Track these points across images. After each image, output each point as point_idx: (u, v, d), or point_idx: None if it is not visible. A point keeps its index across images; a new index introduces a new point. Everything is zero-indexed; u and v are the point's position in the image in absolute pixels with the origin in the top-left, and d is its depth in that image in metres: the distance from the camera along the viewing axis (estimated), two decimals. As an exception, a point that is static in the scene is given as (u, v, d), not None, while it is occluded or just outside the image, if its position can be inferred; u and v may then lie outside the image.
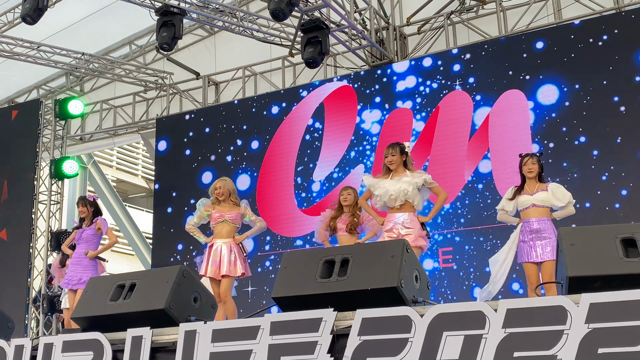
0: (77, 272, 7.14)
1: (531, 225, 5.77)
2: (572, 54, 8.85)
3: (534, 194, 5.86)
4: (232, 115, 11.17)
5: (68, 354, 3.77)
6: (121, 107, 12.94)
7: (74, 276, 7.14)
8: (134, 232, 14.86)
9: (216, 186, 6.69)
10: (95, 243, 7.31)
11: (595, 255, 3.18)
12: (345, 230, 6.69)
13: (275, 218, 10.31)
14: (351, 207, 6.79)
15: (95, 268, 7.25)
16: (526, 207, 5.87)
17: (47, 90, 13.52)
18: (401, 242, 3.49)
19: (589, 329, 2.60)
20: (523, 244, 5.78)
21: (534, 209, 5.83)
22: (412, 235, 5.63)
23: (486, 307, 2.81)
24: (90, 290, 4.18)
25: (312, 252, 3.74)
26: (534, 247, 5.71)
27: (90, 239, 7.25)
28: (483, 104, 9.26)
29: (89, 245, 7.22)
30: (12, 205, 11.32)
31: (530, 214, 5.83)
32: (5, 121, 11.86)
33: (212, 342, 3.36)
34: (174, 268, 4.02)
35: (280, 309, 3.55)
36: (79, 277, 7.08)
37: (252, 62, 11.68)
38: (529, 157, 6.03)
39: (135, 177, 22.01)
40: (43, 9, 8.32)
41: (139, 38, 12.62)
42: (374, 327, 3.00)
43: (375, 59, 10.36)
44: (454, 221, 9.06)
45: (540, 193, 5.86)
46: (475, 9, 10.11)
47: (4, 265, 11.03)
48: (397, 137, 9.66)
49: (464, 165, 9.16)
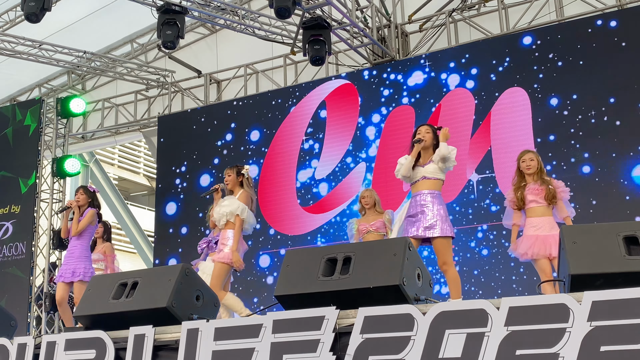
0: (69, 265, 6.96)
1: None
2: (573, 51, 8.84)
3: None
4: (234, 113, 11.17)
5: (71, 352, 3.77)
6: (123, 106, 12.95)
7: (67, 269, 6.96)
8: (135, 230, 14.88)
9: (363, 195, 7.36)
10: (89, 234, 7.18)
11: (598, 253, 3.18)
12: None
13: (277, 216, 10.33)
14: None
15: (89, 259, 7.08)
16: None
17: (49, 88, 13.53)
18: (403, 240, 3.49)
19: (591, 326, 2.60)
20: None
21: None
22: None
23: (488, 305, 2.81)
24: (92, 289, 4.19)
25: (314, 250, 3.74)
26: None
27: (83, 230, 7.10)
28: (485, 101, 9.25)
29: (82, 236, 7.03)
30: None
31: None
32: (7, 119, 11.88)
33: (215, 340, 3.36)
34: (176, 266, 4.03)
35: (283, 307, 3.55)
36: (72, 269, 6.90)
37: (254, 60, 11.68)
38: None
39: (137, 175, 22.03)
40: (48, 9, 8.34)
41: (141, 36, 12.61)
42: (376, 325, 3.00)
43: (377, 57, 10.35)
44: (457, 219, 9.05)
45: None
46: (477, 7, 10.10)
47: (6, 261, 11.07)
48: (399, 135, 9.68)
49: (466, 163, 9.15)
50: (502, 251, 8.53)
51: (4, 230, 11.29)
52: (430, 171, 5.60)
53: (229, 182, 6.36)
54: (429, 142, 5.70)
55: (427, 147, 5.70)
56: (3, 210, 11.40)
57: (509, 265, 8.51)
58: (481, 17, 10.09)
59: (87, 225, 7.07)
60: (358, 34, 10.01)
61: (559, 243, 3.46)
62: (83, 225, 7.00)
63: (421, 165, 5.65)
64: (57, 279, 7.17)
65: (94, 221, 7.15)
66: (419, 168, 5.65)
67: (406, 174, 5.64)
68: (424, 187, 5.59)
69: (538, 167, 6.05)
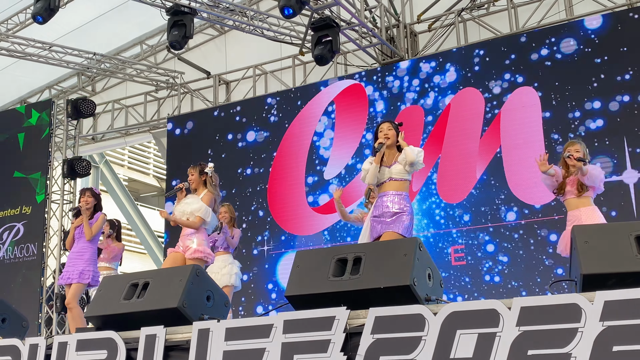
0: (78, 266, 6.88)
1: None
2: (585, 50, 8.80)
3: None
4: (243, 114, 11.19)
5: (82, 353, 3.79)
6: (132, 107, 13.00)
7: (74, 270, 6.88)
8: (145, 230, 14.93)
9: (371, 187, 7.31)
10: (95, 237, 7.19)
11: (610, 253, 3.16)
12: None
13: (286, 217, 10.33)
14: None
15: (96, 263, 7.07)
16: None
17: (59, 90, 13.59)
18: (414, 240, 3.49)
19: (603, 326, 2.59)
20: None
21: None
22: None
23: (500, 305, 2.80)
24: (104, 289, 4.21)
25: (324, 250, 3.75)
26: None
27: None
28: (494, 100, 9.22)
29: (93, 239, 7.00)
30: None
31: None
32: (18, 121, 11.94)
33: (226, 340, 3.37)
34: (187, 267, 4.04)
35: (293, 307, 3.55)
36: (80, 270, 6.83)
37: (263, 61, 11.70)
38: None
39: (146, 176, 22.09)
40: (55, 10, 8.37)
41: (150, 38, 12.66)
42: (387, 325, 3.00)
43: (385, 57, 10.35)
44: (466, 219, 9.03)
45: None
46: (486, 6, 10.08)
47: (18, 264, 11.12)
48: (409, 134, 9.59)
49: (476, 162, 9.12)
50: (518, 251, 8.52)
51: (15, 231, 11.35)
52: (397, 172, 5.43)
53: (193, 181, 6.37)
54: (393, 140, 5.53)
55: (391, 145, 5.53)
56: (14, 212, 11.46)
57: (526, 265, 8.50)
58: (490, 17, 10.06)
59: (100, 229, 7.12)
60: (367, 34, 10.01)
61: (571, 242, 3.45)
62: (96, 229, 7.04)
63: (387, 166, 5.47)
64: (62, 281, 7.07)
65: (103, 224, 7.20)
66: (384, 169, 5.47)
67: (373, 181, 5.47)
68: (391, 188, 5.43)
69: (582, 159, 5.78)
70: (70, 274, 6.92)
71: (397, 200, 5.39)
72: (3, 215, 11.52)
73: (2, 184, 11.65)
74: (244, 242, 10.21)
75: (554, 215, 8.35)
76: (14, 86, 13.11)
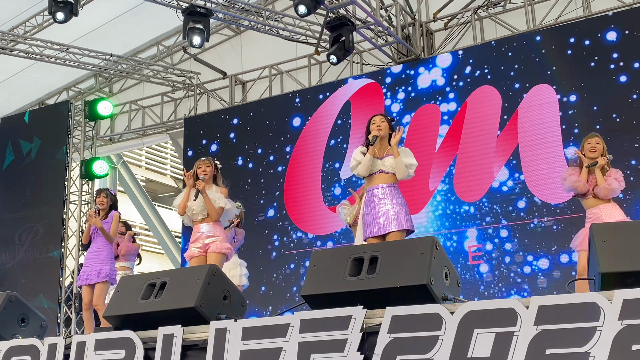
0: (95, 266, 6.98)
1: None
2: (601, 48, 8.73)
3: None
4: (259, 113, 11.21)
5: (101, 352, 3.81)
6: (149, 108, 13.06)
7: (92, 270, 6.98)
8: (163, 230, 14.98)
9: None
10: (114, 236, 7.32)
11: (629, 251, 3.13)
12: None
13: (303, 216, 10.34)
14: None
15: (114, 261, 7.18)
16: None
17: (76, 91, 13.68)
18: (430, 239, 3.47)
19: (622, 325, 2.56)
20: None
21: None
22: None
23: (517, 304, 2.79)
24: (121, 289, 4.23)
25: (341, 250, 3.74)
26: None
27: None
28: (512, 99, 9.17)
29: (105, 240, 7.11)
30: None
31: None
32: (36, 122, 12.05)
33: (243, 340, 3.37)
34: (203, 266, 4.05)
35: (310, 307, 3.55)
36: (97, 270, 6.93)
37: (278, 60, 11.70)
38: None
39: (163, 176, 22.18)
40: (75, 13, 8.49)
41: (166, 39, 12.71)
42: (404, 324, 2.99)
43: (401, 56, 10.32)
44: (483, 218, 8.99)
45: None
46: (502, 3, 10.02)
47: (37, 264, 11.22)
48: (425, 134, 9.64)
49: (493, 161, 9.08)
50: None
51: (34, 232, 11.44)
52: (388, 165, 5.36)
53: (208, 173, 6.17)
54: (385, 132, 5.47)
55: (384, 137, 5.46)
56: (33, 212, 11.56)
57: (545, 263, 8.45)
58: (507, 14, 10.00)
59: (117, 228, 7.24)
60: (382, 32, 9.98)
61: (589, 241, 3.42)
62: (114, 231, 7.17)
63: (378, 158, 5.40)
64: (81, 281, 7.11)
65: (118, 223, 7.30)
66: (376, 160, 5.38)
67: (366, 174, 5.40)
68: (381, 180, 5.36)
69: (601, 154, 5.75)
70: (89, 274, 7.01)
71: (388, 192, 5.33)
72: (22, 215, 11.63)
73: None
74: (260, 242, 10.26)
75: (573, 213, 8.28)
76: (32, 88, 13.21)
